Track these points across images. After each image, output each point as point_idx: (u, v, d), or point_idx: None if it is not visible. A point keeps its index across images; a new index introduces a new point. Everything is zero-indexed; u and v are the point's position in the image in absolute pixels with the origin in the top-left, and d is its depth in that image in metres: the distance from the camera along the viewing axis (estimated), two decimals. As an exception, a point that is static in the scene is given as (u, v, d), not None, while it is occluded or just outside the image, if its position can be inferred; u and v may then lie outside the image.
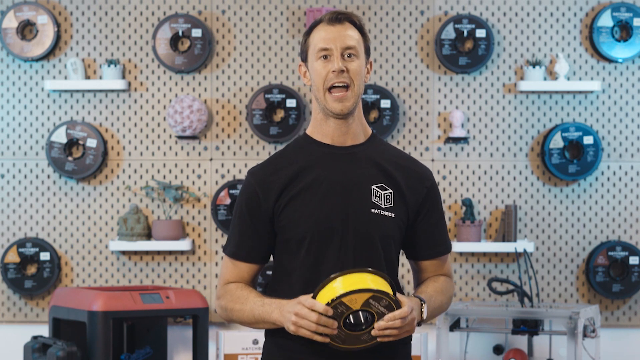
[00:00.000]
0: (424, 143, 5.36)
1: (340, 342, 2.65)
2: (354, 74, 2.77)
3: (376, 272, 2.66)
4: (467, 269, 5.37)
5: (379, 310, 2.62)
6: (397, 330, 2.63)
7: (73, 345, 4.79)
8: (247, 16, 5.39)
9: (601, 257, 5.31)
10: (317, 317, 2.61)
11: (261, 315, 2.75)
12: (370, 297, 2.60)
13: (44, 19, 5.34)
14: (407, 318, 2.63)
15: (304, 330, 2.64)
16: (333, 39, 2.77)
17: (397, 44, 5.37)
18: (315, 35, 2.79)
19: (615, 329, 5.38)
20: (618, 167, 5.38)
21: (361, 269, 2.67)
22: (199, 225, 5.39)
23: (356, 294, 2.60)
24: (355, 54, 2.78)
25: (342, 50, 2.76)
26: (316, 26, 2.81)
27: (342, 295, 2.60)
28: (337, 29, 2.78)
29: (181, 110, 5.23)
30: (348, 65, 2.76)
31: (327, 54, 2.77)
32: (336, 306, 2.61)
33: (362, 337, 2.64)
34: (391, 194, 2.80)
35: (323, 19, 2.80)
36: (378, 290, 2.60)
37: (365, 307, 2.61)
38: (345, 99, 2.76)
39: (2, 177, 5.41)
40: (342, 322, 2.63)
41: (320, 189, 2.78)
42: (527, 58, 5.36)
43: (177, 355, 5.37)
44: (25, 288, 5.35)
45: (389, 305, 2.62)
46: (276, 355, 2.83)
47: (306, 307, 2.63)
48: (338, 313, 2.61)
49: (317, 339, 2.64)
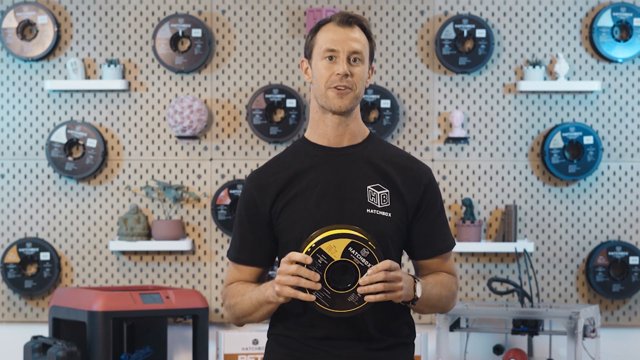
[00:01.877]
0: (424, 143, 5.37)
1: (327, 305, 2.62)
2: (357, 79, 2.78)
3: (360, 229, 2.66)
4: (467, 269, 5.37)
5: (361, 262, 2.60)
6: (382, 285, 2.60)
7: (73, 345, 4.79)
8: (247, 16, 5.39)
9: (601, 257, 5.31)
10: (297, 267, 2.60)
11: (258, 297, 2.75)
12: (349, 244, 2.59)
13: (44, 19, 5.34)
14: (390, 273, 2.61)
15: (288, 289, 2.62)
16: (341, 42, 2.77)
17: (397, 44, 5.37)
18: (323, 35, 2.79)
19: (615, 329, 5.39)
20: (618, 167, 5.38)
21: (345, 225, 2.67)
22: (199, 225, 5.39)
23: (334, 239, 2.59)
24: (361, 59, 2.78)
25: (348, 54, 2.77)
26: (324, 25, 2.81)
27: (320, 241, 2.59)
28: (345, 32, 2.78)
29: (181, 110, 5.23)
30: (352, 70, 2.77)
31: (333, 55, 2.77)
32: (316, 255, 2.59)
33: (349, 297, 2.61)
34: (387, 194, 2.80)
35: (333, 19, 2.80)
36: (356, 236, 2.60)
37: (345, 256, 2.59)
38: (345, 96, 2.77)
39: (2, 177, 5.41)
40: (325, 279, 2.60)
41: (316, 191, 2.79)
42: (527, 58, 5.36)
43: (177, 355, 5.37)
44: (25, 288, 5.35)
45: (370, 256, 2.60)
46: (278, 352, 2.84)
47: (285, 262, 2.63)
48: (319, 264, 2.59)
49: (301, 296, 2.61)
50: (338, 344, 2.76)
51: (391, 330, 2.78)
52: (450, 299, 2.87)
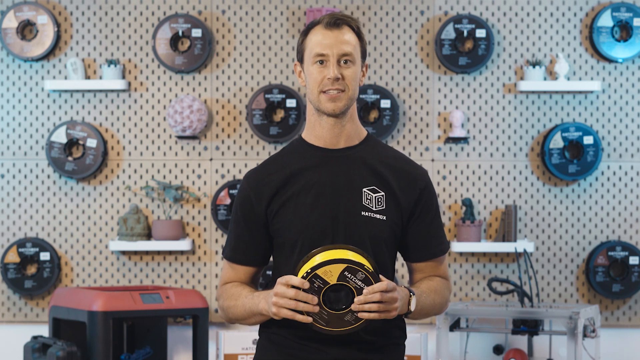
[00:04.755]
0: (424, 143, 5.37)
1: (324, 324, 2.63)
2: (349, 80, 2.77)
3: (356, 249, 2.66)
4: (467, 269, 5.37)
5: (357, 284, 2.60)
6: (377, 305, 2.60)
7: (73, 345, 4.79)
8: (247, 16, 5.39)
9: (601, 257, 5.31)
10: (295, 292, 2.60)
11: (251, 307, 2.76)
12: (345, 268, 2.59)
13: (44, 19, 5.34)
14: (387, 293, 2.61)
15: (285, 311, 2.63)
16: (330, 45, 2.76)
17: (397, 44, 5.37)
18: (312, 39, 2.79)
19: (615, 329, 5.39)
20: (618, 167, 5.38)
21: (342, 245, 2.67)
22: (199, 225, 5.39)
23: (330, 265, 2.59)
24: (352, 60, 2.78)
25: (338, 57, 2.76)
26: (313, 28, 2.80)
27: (316, 266, 2.59)
28: (334, 35, 2.77)
29: (181, 110, 5.23)
30: (343, 72, 2.77)
31: (323, 59, 2.77)
32: (312, 280, 2.59)
33: (345, 317, 2.62)
34: (383, 197, 2.80)
35: (321, 21, 2.79)
36: (352, 260, 2.60)
37: (341, 280, 2.60)
38: (338, 99, 2.77)
39: (2, 177, 5.41)
40: (322, 300, 2.60)
41: (311, 192, 2.79)
42: (527, 58, 5.36)
43: (177, 355, 5.37)
44: (25, 288, 5.35)
45: (366, 279, 2.60)
46: (269, 350, 2.84)
47: (283, 284, 2.63)
48: (315, 288, 2.60)
49: (299, 318, 2.62)
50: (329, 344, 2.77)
51: (382, 332, 2.79)
52: (443, 305, 2.89)
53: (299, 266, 2.66)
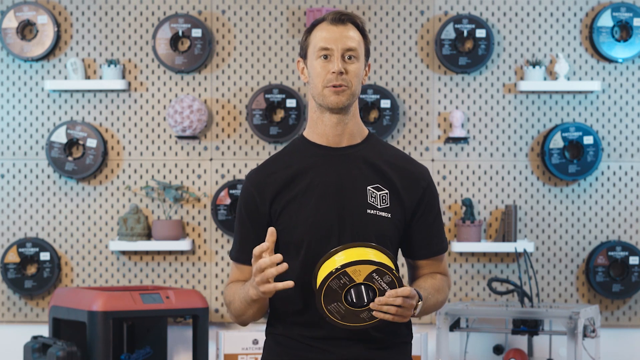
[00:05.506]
0: (424, 143, 5.37)
1: (339, 318, 2.64)
2: (353, 76, 2.78)
3: (379, 248, 2.67)
4: (467, 269, 5.37)
5: (381, 286, 2.61)
6: (396, 309, 2.62)
7: (73, 345, 4.79)
8: (247, 16, 5.39)
9: (601, 257, 5.31)
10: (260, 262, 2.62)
11: (245, 297, 2.76)
12: (374, 270, 2.60)
13: (44, 19, 5.34)
14: (408, 299, 2.63)
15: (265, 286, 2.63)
16: (334, 40, 2.77)
17: (397, 44, 5.37)
18: (317, 34, 2.80)
19: (615, 329, 5.38)
20: (618, 167, 5.38)
21: (363, 243, 2.68)
22: (199, 225, 5.39)
23: (361, 264, 2.60)
24: (356, 56, 2.79)
25: (342, 52, 2.77)
26: (318, 25, 2.82)
27: (347, 264, 2.60)
28: (339, 30, 2.79)
29: (181, 110, 5.23)
30: (347, 67, 2.77)
31: (327, 54, 2.78)
32: (340, 276, 2.60)
33: (362, 314, 2.64)
34: (387, 195, 2.81)
35: (326, 18, 2.81)
36: (383, 264, 2.61)
37: (368, 280, 2.61)
38: (341, 93, 2.77)
39: (2, 177, 5.41)
40: (343, 295, 2.62)
41: (315, 191, 2.79)
42: (527, 58, 5.36)
43: (177, 355, 5.37)
44: (25, 288, 5.35)
45: (391, 282, 2.62)
46: (276, 352, 2.84)
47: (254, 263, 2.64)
48: (341, 284, 2.61)
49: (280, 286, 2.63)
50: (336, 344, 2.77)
51: (389, 330, 2.79)
52: (444, 302, 2.91)
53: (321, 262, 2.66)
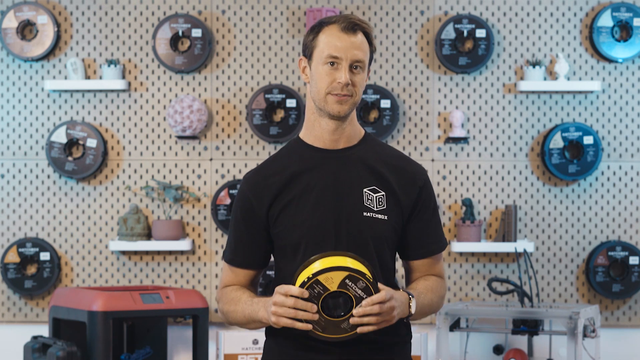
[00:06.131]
0: (424, 143, 5.37)
1: (320, 330, 2.63)
2: (357, 87, 2.77)
3: (356, 257, 2.66)
4: (467, 269, 5.37)
5: (357, 293, 2.60)
6: (376, 317, 2.61)
7: (73, 345, 4.79)
8: (247, 16, 5.39)
9: (601, 257, 5.31)
10: (294, 301, 2.61)
11: (250, 314, 2.76)
12: (346, 276, 2.59)
13: (44, 19, 5.34)
14: (385, 304, 2.61)
15: (285, 320, 2.63)
16: (344, 49, 2.75)
17: (397, 44, 5.37)
18: (326, 39, 2.77)
19: (615, 329, 5.39)
20: (618, 167, 5.38)
21: (341, 252, 2.68)
22: (199, 225, 5.39)
23: (331, 272, 2.59)
24: (362, 67, 2.78)
25: (351, 62, 2.75)
26: (327, 26, 2.78)
27: (318, 272, 2.59)
28: (350, 39, 2.76)
29: (181, 110, 5.23)
30: (354, 79, 2.76)
31: (335, 61, 2.75)
32: (312, 286, 2.60)
33: (342, 325, 2.63)
34: (383, 197, 2.80)
35: (337, 22, 2.77)
36: (353, 269, 2.60)
37: (342, 288, 2.60)
38: (344, 102, 2.77)
39: (2, 177, 5.41)
40: (320, 306, 2.61)
41: (312, 194, 2.79)
42: (527, 58, 5.36)
43: (177, 355, 5.37)
44: (25, 288, 5.35)
45: (366, 288, 2.60)
46: (276, 353, 2.84)
47: (282, 294, 2.63)
48: (315, 294, 2.60)
49: (298, 326, 2.62)
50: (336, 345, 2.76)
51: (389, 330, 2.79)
52: (440, 303, 2.90)
53: (298, 272, 2.66)
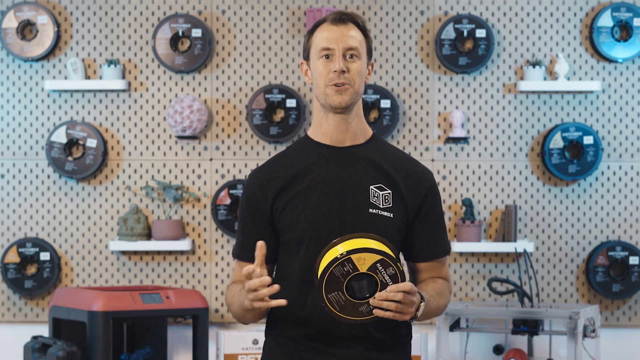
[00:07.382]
0: (424, 143, 5.37)
1: (338, 309, 2.61)
2: (355, 75, 2.78)
3: (380, 239, 2.65)
4: (467, 269, 5.37)
5: (384, 279, 2.58)
6: (396, 305, 2.59)
7: (73, 345, 4.79)
8: (247, 16, 5.39)
9: (601, 257, 5.31)
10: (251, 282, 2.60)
11: (241, 304, 2.76)
12: (379, 260, 2.57)
13: (44, 19, 5.34)
14: (409, 295, 2.60)
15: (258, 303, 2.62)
16: (335, 39, 2.79)
17: (397, 44, 5.37)
18: (318, 35, 2.81)
19: (615, 329, 5.39)
20: (618, 167, 5.38)
21: (365, 234, 2.66)
22: (199, 225, 5.39)
23: (366, 253, 2.57)
24: (357, 54, 2.79)
25: (344, 51, 2.78)
26: (319, 25, 2.83)
27: (353, 251, 2.57)
28: (340, 30, 2.80)
29: (181, 110, 5.23)
30: (349, 66, 2.78)
31: (329, 53, 2.79)
32: (344, 263, 2.57)
33: (361, 307, 2.61)
34: (390, 195, 2.81)
35: (327, 19, 2.82)
36: (388, 254, 2.58)
37: (371, 271, 2.58)
38: (344, 92, 2.78)
39: (2, 177, 5.41)
40: (345, 284, 2.59)
41: (318, 189, 2.79)
42: (527, 58, 5.36)
43: (177, 355, 5.37)
44: (25, 288, 5.35)
45: (394, 275, 2.59)
46: (276, 352, 2.84)
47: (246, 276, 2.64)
48: (344, 272, 2.58)
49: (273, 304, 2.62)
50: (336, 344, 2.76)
51: (389, 330, 2.79)
52: (445, 307, 2.90)
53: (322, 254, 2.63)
